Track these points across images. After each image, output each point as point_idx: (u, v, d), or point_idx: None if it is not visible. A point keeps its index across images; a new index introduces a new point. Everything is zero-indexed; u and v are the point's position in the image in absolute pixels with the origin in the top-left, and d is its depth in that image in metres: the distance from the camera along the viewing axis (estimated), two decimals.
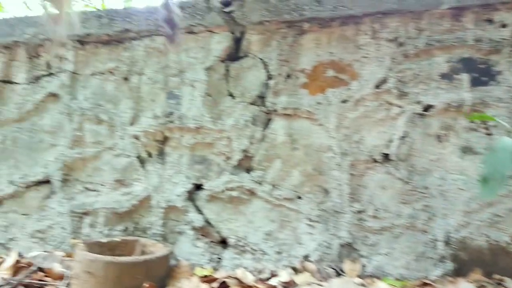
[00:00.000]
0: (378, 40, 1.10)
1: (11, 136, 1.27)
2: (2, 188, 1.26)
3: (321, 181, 1.10)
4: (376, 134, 1.09)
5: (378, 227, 1.05)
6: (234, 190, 1.13)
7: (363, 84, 1.10)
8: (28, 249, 1.24)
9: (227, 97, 1.16)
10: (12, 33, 1.25)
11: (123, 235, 1.19)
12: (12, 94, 1.27)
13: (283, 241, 1.10)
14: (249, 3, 1.13)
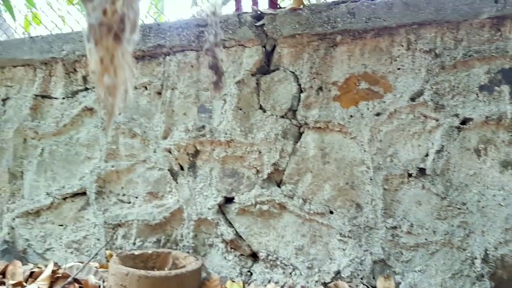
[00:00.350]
0: (414, 51, 1.25)
1: (49, 149, 1.52)
2: (40, 199, 1.51)
3: (354, 196, 1.26)
4: (411, 148, 1.24)
5: (413, 243, 1.19)
6: (264, 203, 1.31)
7: (398, 97, 1.25)
8: (64, 260, 1.48)
9: (258, 111, 1.35)
10: (50, 49, 1.51)
11: (156, 247, 1.40)
12: (51, 108, 1.53)
13: (314, 256, 1.27)
14: (281, 16, 1.31)
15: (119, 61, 0.29)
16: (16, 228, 1.53)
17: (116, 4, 0.28)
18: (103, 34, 0.28)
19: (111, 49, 0.29)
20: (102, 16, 0.28)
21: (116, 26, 0.28)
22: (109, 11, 0.28)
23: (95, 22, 0.28)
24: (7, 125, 1.57)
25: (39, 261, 1.49)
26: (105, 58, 0.29)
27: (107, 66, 0.29)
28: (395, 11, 1.23)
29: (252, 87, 1.35)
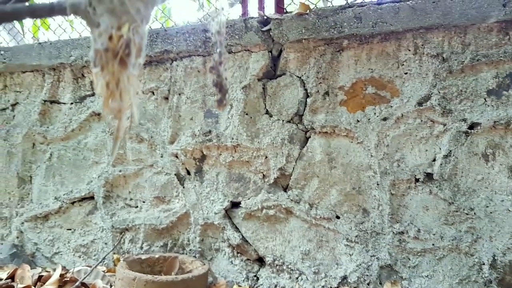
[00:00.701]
0: (421, 55, 1.26)
1: (57, 153, 1.55)
2: (48, 203, 1.53)
3: (360, 201, 1.26)
4: (418, 153, 1.24)
5: (420, 248, 1.20)
6: (271, 208, 1.32)
7: (405, 101, 1.25)
8: (72, 263, 1.50)
9: (264, 116, 1.36)
10: (59, 55, 1.53)
11: (163, 251, 1.42)
12: (59, 113, 1.56)
13: (321, 261, 1.28)
14: (287, 21, 1.32)
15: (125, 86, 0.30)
16: (25, 232, 1.55)
17: (122, 30, 0.29)
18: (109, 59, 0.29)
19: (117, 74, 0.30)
20: (108, 42, 0.29)
21: (122, 52, 0.29)
22: (115, 37, 0.29)
23: (101, 47, 0.29)
24: (16, 130, 1.59)
25: (48, 265, 1.52)
26: (111, 82, 0.30)
27: (113, 90, 0.30)
28: (402, 15, 1.23)
29: (259, 92, 1.36)
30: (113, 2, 0.28)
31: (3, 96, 1.65)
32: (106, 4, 0.28)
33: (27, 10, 0.29)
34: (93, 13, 0.29)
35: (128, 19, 0.29)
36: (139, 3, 0.29)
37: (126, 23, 0.29)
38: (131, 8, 0.29)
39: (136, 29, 0.29)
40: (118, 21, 0.29)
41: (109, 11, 0.28)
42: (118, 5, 0.28)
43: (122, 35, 0.29)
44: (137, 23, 0.30)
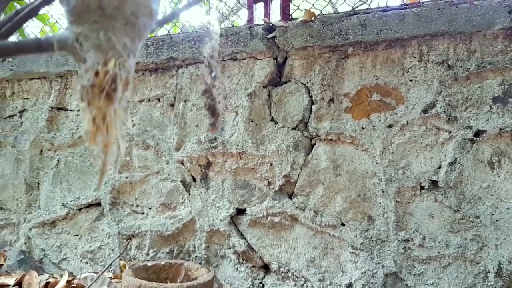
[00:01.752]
0: (426, 62, 1.28)
1: (64, 160, 1.59)
2: (56, 210, 1.58)
3: (366, 208, 1.29)
4: (424, 160, 1.26)
5: (425, 256, 1.22)
6: (276, 215, 1.35)
7: (410, 108, 1.27)
8: (79, 269, 1.54)
9: (269, 123, 1.39)
10: (66, 62, 1.58)
11: (168, 257, 1.45)
12: (66, 120, 1.60)
13: (326, 269, 1.30)
14: (292, 29, 1.35)
15: (111, 119, 0.33)
16: (32, 238, 1.60)
17: (108, 66, 0.32)
18: (95, 94, 0.32)
19: (103, 109, 0.32)
20: (94, 77, 0.31)
21: (108, 87, 0.32)
22: (101, 73, 0.31)
23: (87, 83, 0.32)
24: (24, 137, 1.64)
25: (55, 271, 1.56)
26: (97, 117, 0.32)
27: (99, 124, 0.33)
28: (407, 22, 1.26)
29: (264, 99, 1.39)
30: (99, 38, 0.31)
31: (11, 103, 1.69)
32: (92, 40, 0.31)
33: (15, 47, 0.32)
34: (80, 48, 0.32)
35: (115, 55, 0.32)
36: (126, 38, 0.32)
37: (112, 59, 0.32)
38: (118, 43, 0.32)
39: (123, 64, 0.32)
40: (104, 57, 0.31)
41: (95, 47, 0.31)
42: (104, 40, 0.31)
43: (108, 71, 0.31)
44: (124, 58, 0.32)
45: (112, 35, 0.31)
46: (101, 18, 0.31)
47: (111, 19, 0.31)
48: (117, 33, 0.31)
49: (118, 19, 0.31)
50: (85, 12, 0.31)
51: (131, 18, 0.31)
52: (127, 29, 0.32)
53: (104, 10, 0.31)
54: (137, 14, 0.32)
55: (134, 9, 0.31)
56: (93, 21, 0.31)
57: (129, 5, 0.31)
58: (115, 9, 0.31)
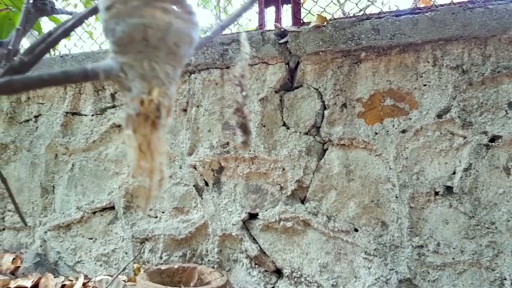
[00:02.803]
0: (440, 67, 1.27)
1: (79, 164, 1.61)
2: (71, 213, 1.60)
3: (379, 214, 1.28)
4: (438, 166, 1.25)
5: (440, 262, 1.21)
6: (288, 220, 1.35)
7: (424, 113, 1.27)
8: (94, 272, 1.56)
9: (282, 127, 1.39)
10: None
11: (181, 261, 1.46)
12: (80, 125, 1.62)
13: (339, 274, 1.30)
14: (304, 34, 1.35)
15: (155, 146, 0.34)
16: (48, 241, 1.62)
17: (153, 94, 0.32)
18: (140, 122, 0.32)
19: (148, 136, 0.33)
20: (139, 106, 0.32)
21: (153, 115, 0.32)
22: (146, 101, 0.32)
23: (133, 112, 0.32)
24: (39, 141, 1.67)
25: (70, 273, 1.58)
26: (142, 144, 0.33)
27: (145, 151, 0.33)
28: (420, 27, 1.25)
29: (276, 104, 1.40)
30: (144, 68, 0.32)
31: (27, 108, 1.72)
32: (137, 69, 0.32)
33: (63, 77, 0.33)
34: (125, 78, 0.32)
35: (158, 83, 0.32)
36: (168, 67, 0.32)
37: (156, 87, 0.32)
38: (161, 72, 0.32)
39: (165, 92, 0.33)
40: (149, 86, 0.32)
41: (140, 76, 0.32)
42: (148, 70, 0.32)
43: (152, 99, 0.32)
44: (166, 86, 0.33)
45: (155, 64, 0.32)
46: (145, 48, 0.31)
47: (155, 49, 0.32)
48: (160, 62, 0.32)
49: (161, 49, 0.32)
50: (130, 43, 0.31)
51: (173, 47, 0.32)
52: (170, 58, 0.32)
53: (148, 41, 0.31)
54: (179, 44, 0.32)
55: (177, 39, 0.32)
56: (137, 52, 0.31)
57: (172, 36, 0.32)
58: (159, 40, 0.31)
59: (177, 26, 0.32)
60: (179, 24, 0.32)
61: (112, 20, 0.31)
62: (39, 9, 0.80)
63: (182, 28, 0.32)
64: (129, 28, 0.31)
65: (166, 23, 0.31)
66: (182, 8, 0.32)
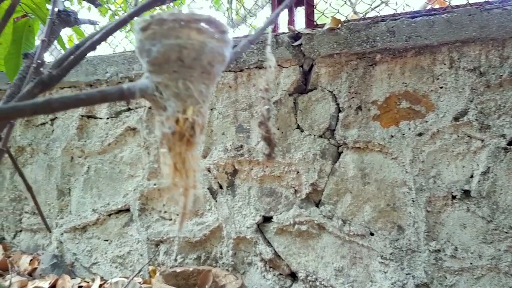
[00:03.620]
0: (457, 69, 1.25)
1: (94, 167, 1.63)
2: (87, 215, 1.62)
3: (395, 218, 1.27)
4: (455, 169, 1.23)
5: (457, 267, 1.19)
6: (303, 224, 1.35)
7: (441, 116, 1.25)
8: (109, 274, 1.58)
9: (296, 130, 1.39)
10: (95, 72, 1.61)
11: (196, 263, 1.47)
12: (96, 128, 1.64)
13: (355, 278, 1.29)
14: (318, 36, 1.34)
15: (190, 164, 0.34)
16: (64, 243, 1.64)
17: (187, 113, 0.33)
18: (176, 141, 0.33)
19: (183, 154, 0.33)
20: (175, 125, 0.33)
21: (188, 133, 0.33)
22: (181, 120, 0.33)
23: (168, 131, 0.33)
24: (55, 144, 1.69)
25: (86, 275, 1.60)
26: (177, 162, 0.34)
27: (180, 169, 0.34)
28: (436, 29, 1.23)
29: (290, 107, 1.39)
30: (179, 87, 0.32)
31: None
32: (171, 88, 0.32)
33: (100, 96, 0.33)
34: (160, 97, 0.33)
35: (192, 102, 0.33)
36: (202, 85, 0.33)
37: (191, 106, 0.33)
38: (195, 91, 0.32)
39: (199, 110, 0.33)
40: (183, 105, 0.32)
41: (175, 95, 0.32)
42: (183, 89, 0.32)
43: (187, 118, 0.32)
44: (200, 105, 0.33)
45: (190, 83, 0.32)
46: (180, 68, 0.32)
47: (190, 69, 0.32)
48: (194, 82, 0.32)
49: (195, 69, 0.32)
50: (165, 63, 0.32)
51: (207, 67, 0.32)
52: (203, 77, 0.33)
53: (183, 61, 0.32)
54: (212, 63, 0.33)
55: (210, 58, 0.32)
56: (172, 71, 0.32)
57: (206, 55, 0.32)
58: (193, 60, 0.32)
59: (211, 46, 0.32)
60: (213, 44, 0.32)
61: (148, 41, 0.32)
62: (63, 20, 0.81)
63: (216, 48, 0.32)
64: (164, 49, 0.31)
65: (200, 43, 0.31)
66: (215, 27, 0.32)
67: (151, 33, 0.31)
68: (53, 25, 0.85)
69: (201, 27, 0.31)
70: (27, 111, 0.42)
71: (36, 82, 0.61)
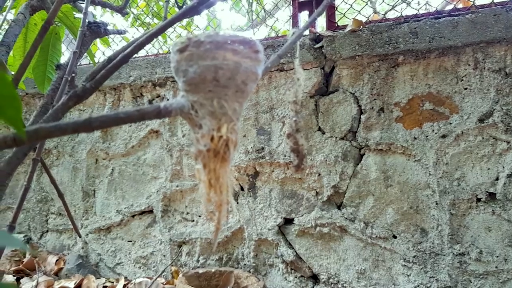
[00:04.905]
0: (482, 70, 1.26)
1: (118, 169, 1.70)
2: (111, 216, 1.69)
3: (418, 220, 1.29)
4: (480, 171, 1.24)
5: (482, 271, 1.20)
6: (324, 226, 1.38)
7: (465, 118, 1.26)
8: (133, 274, 1.64)
9: (317, 132, 1.42)
10: (119, 76, 1.68)
11: (218, 264, 1.52)
12: (119, 131, 1.71)
13: (377, 281, 1.32)
14: (340, 38, 1.37)
15: (223, 180, 0.38)
16: (89, 243, 1.72)
17: (222, 131, 0.36)
18: (211, 158, 0.36)
19: (218, 170, 0.37)
20: (210, 142, 0.36)
21: (222, 150, 0.36)
22: (216, 138, 0.36)
23: (203, 148, 0.36)
24: (80, 147, 1.77)
25: (110, 275, 1.67)
26: (212, 178, 0.37)
27: (214, 185, 0.37)
28: (460, 29, 1.25)
29: (311, 109, 1.43)
30: (213, 106, 0.36)
31: (68, 115, 1.83)
32: (207, 107, 0.36)
33: (138, 115, 0.37)
34: (195, 115, 0.36)
35: (227, 120, 0.36)
36: (236, 103, 0.36)
37: (225, 124, 0.36)
38: (229, 109, 0.36)
39: (233, 128, 0.37)
40: (218, 123, 0.36)
41: (210, 113, 0.36)
42: (218, 108, 0.36)
43: (222, 135, 0.36)
44: (234, 122, 0.37)
45: (224, 102, 0.36)
46: (215, 87, 0.36)
47: (224, 88, 0.36)
48: (228, 100, 0.36)
49: (230, 88, 0.36)
50: (201, 83, 0.36)
51: (241, 85, 0.36)
52: (237, 96, 0.36)
53: (218, 81, 0.35)
54: (246, 82, 0.36)
55: (244, 78, 0.36)
56: (208, 91, 0.36)
57: (241, 75, 0.36)
58: (228, 79, 0.36)
59: (245, 66, 0.36)
60: (247, 64, 0.36)
61: (185, 62, 0.36)
62: (94, 32, 0.87)
63: (250, 67, 0.36)
64: (201, 70, 0.35)
65: (235, 64, 0.35)
66: (249, 48, 0.36)
67: (189, 54, 0.35)
68: (84, 37, 0.90)
69: (236, 48, 0.34)
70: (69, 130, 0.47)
71: (71, 95, 0.67)
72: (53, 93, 0.83)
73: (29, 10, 0.91)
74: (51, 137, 0.67)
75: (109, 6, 1.10)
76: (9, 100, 0.29)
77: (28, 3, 0.90)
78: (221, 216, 0.38)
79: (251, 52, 0.36)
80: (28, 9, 0.90)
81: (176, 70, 0.38)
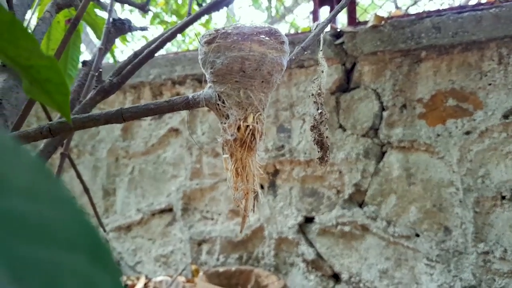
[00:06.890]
0: (506, 66, 1.30)
1: (138, 167, 1.80)
2: (131, 214, 1.79)
3: (442, 219, 1.34)
4: (505, 169, 1.29)
5: (507, 269, 1.25)
6: (346, 224, 1.44)
7: (489, 114, 1.31)
8: (153, 272, 1.74)
9: (338, 130, 1.49)
10: (139, 74, 1.78)
11: (238, 263, 1.60)
12: (139, 129, 1.81)
13: (400, 280, 1.37)
14: (361, 34, 1.44)
15: (250, 169, 0.44)
16: (110, 242, 1.82)
17: (248, 121, 0.43)
18: (237, 147, 0.43)
19: (244, 159, 0.43)
20: (236, 132, 0.43)
21: (249, 140, 0.43)
22: (242, 127, 0.42)
23: (231, 138, 0.43)
24: (101, 145, 1.87)
25: (131, 273, 1.77)
26: (238, 167, 0.44)
27: (241, 174, 0.44)
28: (484, 24, 1.29)
29: (332, 106, 1.49)
30: (240, 96, 0.43)
31: None
32: (233, 98, 0.43)
33: (167, 106, 0.45)
34: (222, 106, 0.44)
35: (253, 110, 0.43)
36: (261, 94, 0.44)
37: (252, 114, 0.43)
38: (255, 100, 0.43)
39: (259, 118, 0.44)
40: (245, 113, 0.43)
41: (236, 104, 0.43)
42: (244, 98, 0.43)
43: (248, 125, 0.43)
44: (260, 112, 0.44)
45: (250, 92, 0.43)
46: (242, 78, 0.43)
47: (251, 79, 0.43)
48: (254, 91, 0.43)
49: (256, 78, 0.43)
50: (228, 74, 0.43)
51: (267, 76, 0.43)
52: (263, 86, 0.43)
53: (245, 72, 0.42)
54: (272, 73, 0.43)
55: (270, 69, 0.43)
56: (234, 81, 0.43)
57: (266, 66, 0.43)
58: (254, 70, 0.43)
59: (271, 57, 0.43)
60: (273, 54, 0.43)
61: (212, 53, 0.43)
62: (118, 28, 0.96)
63: (275, 58, 0.43)
64: (228, 61, 0.42)
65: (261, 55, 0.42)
66: (275, 38, 0.43)
67: (216, 46, 0.42)
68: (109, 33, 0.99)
69: (262, 39, 0.41)
70: (101, 121, 0.56)
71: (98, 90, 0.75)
72: (79, 89, 0.92)
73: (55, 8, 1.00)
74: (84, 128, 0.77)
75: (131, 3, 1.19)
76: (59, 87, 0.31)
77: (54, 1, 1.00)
78: (248, 204, 0.44)
79: (277, 43, 0.43)
80: (54, 7, 1.00)
81: (203, 62, 0.45)
